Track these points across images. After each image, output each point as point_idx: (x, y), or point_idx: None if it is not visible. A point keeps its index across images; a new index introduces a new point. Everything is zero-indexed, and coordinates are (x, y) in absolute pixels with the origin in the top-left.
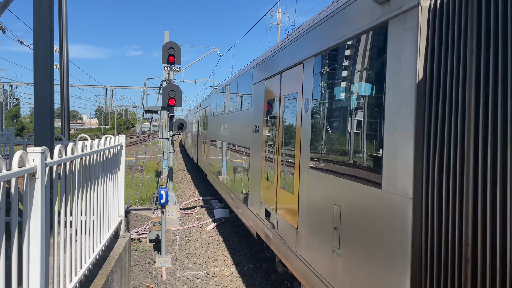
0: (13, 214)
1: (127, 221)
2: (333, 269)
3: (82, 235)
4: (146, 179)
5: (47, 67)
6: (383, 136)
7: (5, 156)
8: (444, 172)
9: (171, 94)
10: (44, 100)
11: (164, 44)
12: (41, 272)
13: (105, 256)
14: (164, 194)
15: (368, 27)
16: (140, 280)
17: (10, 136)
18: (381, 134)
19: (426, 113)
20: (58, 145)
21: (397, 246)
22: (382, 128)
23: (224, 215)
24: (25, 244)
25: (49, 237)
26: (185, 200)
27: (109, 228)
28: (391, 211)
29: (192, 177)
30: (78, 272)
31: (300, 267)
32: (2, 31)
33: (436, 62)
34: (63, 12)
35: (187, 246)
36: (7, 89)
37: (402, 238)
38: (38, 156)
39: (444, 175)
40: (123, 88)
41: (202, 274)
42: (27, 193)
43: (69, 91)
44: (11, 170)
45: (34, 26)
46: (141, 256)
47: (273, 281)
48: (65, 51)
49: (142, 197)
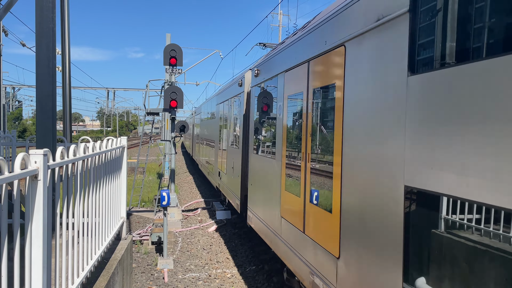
0: (15, 216)
1: (129, 223)
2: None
3: (84, 237)
4: (148, 181)
5: (49, 69)
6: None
7: (7, 158)
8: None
9: (172, 96)
10: (46, 102)
11: (165, 46)
12: (43, 274)
13: (107, 258)
14: (166, 196)
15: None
16: (142, 282)
17: (12, 138)
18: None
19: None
20: (60, 147)
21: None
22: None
23: (226, 217)
24: (27, 246)
25: (51, 239)
26: (187, 202)
27: (111, 230)
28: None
29: (194, 179)
30: (80, 274)
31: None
32: (5, 33)
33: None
34: (65, 15)
35: (189, 248)
36: (10, 91)
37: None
38: (40, 158)
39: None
40: (125, 90)
41: (204, 276)
42: (29, 195)
43: (71, 93)
44: (13, 172)
45: (36, 29)
46: (143, 258)
47: (275, 283)
48: (67, 54)
49: (144, 199)
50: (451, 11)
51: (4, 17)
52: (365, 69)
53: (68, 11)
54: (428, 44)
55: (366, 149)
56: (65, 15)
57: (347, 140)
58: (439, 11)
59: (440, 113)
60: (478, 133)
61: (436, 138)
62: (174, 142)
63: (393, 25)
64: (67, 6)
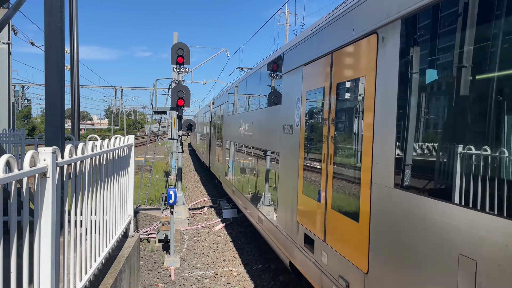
0: (24, 213)
1: (136, 221)
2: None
3: (92, 234)
4: (155, 179)
5: (58, 68)
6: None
7: (16, 156)
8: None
9: (180, 94)
10: (55, 101)
11: (173, 45)
12: (52, 270)
13: (114, 255)
14: (172, 194)
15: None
16: (149, 279)
17: (21, 136)
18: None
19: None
20: (68, 145)
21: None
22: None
23: (232, 215)
24: (36, 243)
25: (60, 236)
26: (194, 200)
27: (119, 228)
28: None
29: (200, 178)
30: (88, 271)
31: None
32: (14, 32)
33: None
34: (73, 14)
35: (195, 246)
36: (19, 90)
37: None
38: (49, 155)
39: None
40: (132, 88)
41: (211, 274)
42: (38, 193)
43: (79, 92)
44: (22, 169)
45: (45, 28)
46: (150, 255)
47: (281, 282)
48: (76, 52)
49: (151, 197)
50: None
51: (13, 16)
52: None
53: (76, 10)
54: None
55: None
56: (73, 14)
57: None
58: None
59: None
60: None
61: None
62: (181, 141)
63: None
64: (75, 5)
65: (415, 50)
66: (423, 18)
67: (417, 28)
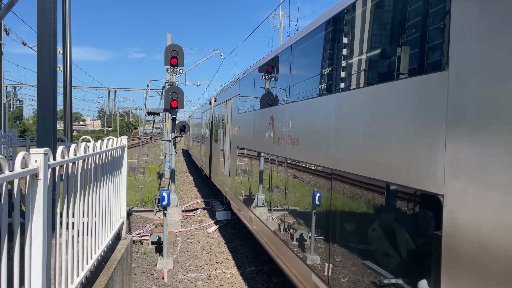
0: (15, 215)
1: (129, 223)
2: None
3: (84, 236)
4: (148, 181)
5: (50, 69)
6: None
7: (8, 157)
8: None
9: (173, 96)
10: (47, 102)
11: (167, 47)
12: (43, 273)
13: (106, 257)
14: (166, 196)
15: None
16: (142, 282)
17: (13, 137)
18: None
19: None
20: (60, 147)
21: None
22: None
23: (225, 217)
24: (27, 245)
25: (51, 238)
26: (187, 202)
27: (111, 230)
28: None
29: (194, 179)
30: (79, 274)
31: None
32: (6, 33)
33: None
34: (66, 15)
35: (188, 248)
36: (11, 90)
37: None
38: (40, 157)
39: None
40: (125, 90)
41: (204, 276)
42: (29, 194)
43: (72, 93)
44: (13, 171)
45: (38, 28)
46: (142, 258)
47: (274, 284)
48: (68, 53)
49: (144, 199)
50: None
51: (5, 16)
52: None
53: (69, 11)
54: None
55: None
56: (66, 15)
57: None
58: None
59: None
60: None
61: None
62: (174, 142)
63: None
64: (68, 6)
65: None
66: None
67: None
